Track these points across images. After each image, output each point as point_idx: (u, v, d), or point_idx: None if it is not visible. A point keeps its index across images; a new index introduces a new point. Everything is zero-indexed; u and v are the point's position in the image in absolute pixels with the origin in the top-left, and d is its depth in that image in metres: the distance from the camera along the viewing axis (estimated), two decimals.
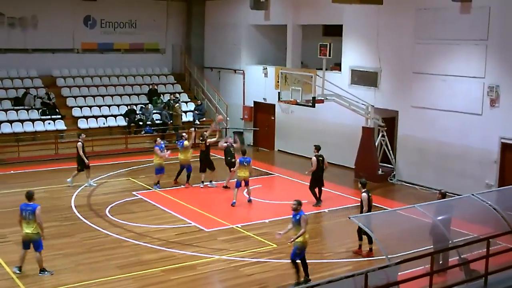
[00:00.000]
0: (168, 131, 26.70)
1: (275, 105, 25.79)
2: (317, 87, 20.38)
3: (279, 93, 21.64)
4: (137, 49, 29.74)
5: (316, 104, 20.25)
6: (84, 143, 19.85)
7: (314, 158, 17.89)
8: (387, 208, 16.72)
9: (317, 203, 17.92)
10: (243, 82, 27.77)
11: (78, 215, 16.78)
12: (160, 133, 26.42)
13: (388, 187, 20.65)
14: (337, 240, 15.52)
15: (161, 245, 14.49)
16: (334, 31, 24.41)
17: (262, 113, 27.25)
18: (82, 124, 25.67)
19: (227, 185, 19.75)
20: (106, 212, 17.08)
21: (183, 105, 28.20)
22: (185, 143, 19.76)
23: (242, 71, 27.86)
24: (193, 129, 22.14)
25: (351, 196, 19.00)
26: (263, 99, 26.76)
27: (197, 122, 27.50)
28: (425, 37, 19.95)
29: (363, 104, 21.22)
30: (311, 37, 25.46)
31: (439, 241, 11.91)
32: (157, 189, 19.43)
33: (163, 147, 19.66)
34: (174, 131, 26.18)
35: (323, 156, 17.99)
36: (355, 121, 21.70)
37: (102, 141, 25.16)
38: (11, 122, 24.56)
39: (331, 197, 18.85)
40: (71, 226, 15.94)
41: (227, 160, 20.06)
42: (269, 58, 27.39)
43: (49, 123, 25.13)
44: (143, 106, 27.23)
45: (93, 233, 15.39)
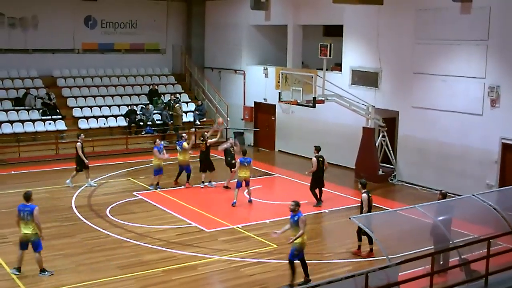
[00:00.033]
0: (168, 132, 26.71)
1: (275, 105, 25.80)
2: (318, 88, 20.39)
3: (279, 93, 21.66)
4: (138, 49, 29.76)
5: (316, 104, 20.25)
6: (83, 143, 19.85)
7: (314, 159, 17.89)
8: (387, 208, 16.72)
9: (317, 204, 17.93)
10: (244, 82, 27.77)
11: (78, 216, 16.79)
12: (160, 134, 26.45)
13: (388, 188, 20.66)
14: (337, 240, 15.52)
15: (162, 246, 14.50)
16: (334, 31, 24.42)
17: (262, 114, 27.25)
18: (82, 124, 25.67)
19: (227, 185, 19.76)
20: (106, 212, 17.09)
21: (183, 105, 28.21)
22: (184, 144, 19.74)
23: (242, 72, 27.85)
24: (194, 129, 22.14)
25: (351, 196, 19.00)
26: (264, 99, 26.76)
27: (198, 122, 27.54)
28: (426, 37, 19.95)
29: (363, 104, 21.22)
30: (311, 37, 25.46)
31: (440, 241, 11.91)
32: (156, 189, 19.43)
33: (162, 148, 19.64)
34: (174, 131, 26.18)
35: (323, 157, 17.99)
36: (355, 122, 21.70)
37: (102, 142, 25.16)
38: (11, 122, 24.56)
39: (332, 197, 18.85)
40: (72, 226, 15.95)
41: (227, 160, 20.09)
42: (269, 58, 27.39)
43: (50, 124, 25.13)
44: (144, 106, 27.23)
45: (93, 233, 15.40)
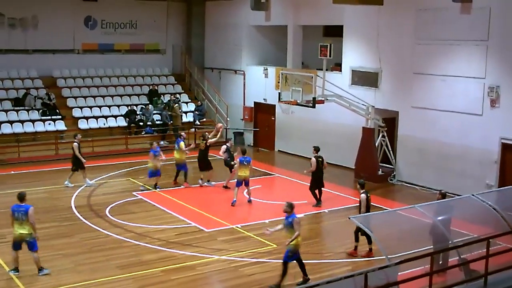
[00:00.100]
0: (168, 132, 26.71)
1: (275, 105, 25.80)
2: (318, 88, 20.39)
3: (279, 93, 21.67)
4: (138, 49, 29.75)
5: (316, 104, 20.25)
6: (80, 143, 19.84)
7: (313, 159, 17.89)
8: (387, 208, 16.71)
9: (317, 204, 17.92)
10: (244, 82, 27.77)
11: (78, 216, 16.78)
12: (160, 134, 26.46)
13: (388, 188, 20.65)
14: (337, 240, 15.50)
15: (161, 246, 14.49)
16: (334, 32, 24.42)
17: (262, 114, 27.25)
18: (82, 124, 25.67)
19: (226, 185, 19.76)
20: (106, 212, 17.08)
21: (183, 105, 28.22)
22: (181, 144, 19.79)
23: (242, 72, 27.85)
24: (193, 130, 22.11)
25: (351, 196, 18.98)
26: (264, 99, 26.76)
27: (197, 122, 27.54)
28: (426, 38, 19.95)
29: (363, 104, 21.22)
30: (311, 37, 25.46)
31: (439, 241, 11.90)
32: (156, 189, 19.45)
33: (159, 151, 19.59)
34: (173, 131, 26.17)
35: (322, 157, 17.99)
36: (355, 122, 21.70)
37: (102, 142, 25.16)
38: (11, 122, 24.56)
39: (331, 197, 18.85)
40: (71, 226, 15.94)
41: (226, 160, 20.07)
42: (269, 58, 27.40)
43: (50, 124, 25.13)
44: (144, 106, 27.23)
45: (93, 233, 15.39)
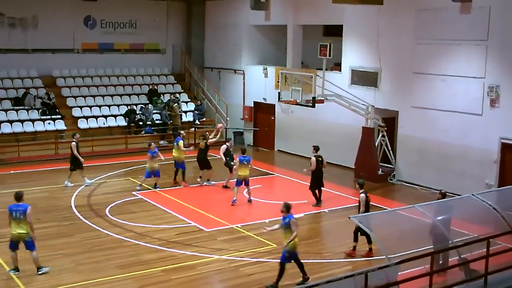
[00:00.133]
0: (168, 131, 26.71)
1: (275, 105, 25.79)
2: (317, 87, 20.38)
3: (279, 93, 21.65)
4: (137, 49, 29.74)
5: (316, 104, 20.25)
6: (78, 142, 19.84)
7: (313, 158, 17.89)
8: (387, 208, 16.73)
9: (317, 204, 17.92)
10: (243, 82, 27.77)
11: (78, 215, 16.78)
12: (160, 133, 26.45)
13: (388, 187, 20.65)
14: (337, 240, 15.49)
15: (161, 245, 14.49)
16: (334, 31, 24.42)
17: (262, 113, 27.25)
18: (82, 124, 25.66)
19: (226, 185, 19.76)
20: (106, 212, 17.07)
21: (183, 105, 28.21)
22: (180, 143, 19.83)
23: (242, 71, 27.85)
24: (193, 129, 22.10)
25: (351, 196, 18.97)
26: (263, 99, 26.75)
27: (197, 122, 27.53)
28: (425, 37, 19.95)
29: (363, 104, 21.22)
30: (311, 37, 25.46)
31: (439, 241, 11.91)
32: (154, 189, 19.44)
33: (157, 151, 19.57)
34: (173, 131, 26.16)
35: (322, 156, 17.99)
36: (355, 121, 21.70)
37: (102, 141, 25.15)
38: (11, 122, 24.54)
39: (331, 197, 18.85)
40: (71, 226, 15.94)
41: (226, 161, 20.05)
42: (269, 58, 27.39)
43: (49, 123, 25.11)
44: (143, 106, 27.22)
45: (93, 233, 15.39)
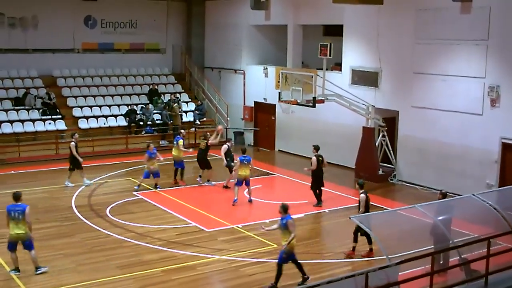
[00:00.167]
0: (168, 131, 26.71)
1: (275, 105, 25.79)
2: (318, 87, 20.39)
3: (279, 93, 21.66)
4: (138, 49, 29.74)
5: (316, 104, 20.25)
6: (77, 142, 19.84)
7: (314, 158, 17.90)
8: (387, 208, 16.73)
9: (317, 204, 17.93)
10: (244, 82, 27.77)
11: (78, 215, 16.78)
12: (160, 133, 26.45)
13: (388, 187, 20.65)
14: (337, 240, 15.49)
15: (162, 245, 14.49)
16: (334, 31, 24.41)
17: (262, 113, 27.25)
18: (82, 124, 25.67)
19: (227, 185, 19.76)
20: (106, 212, 17.08)
21: (183, 105, 28.21)
22: (180, 142, 19.88)
23: (242, 71, 27.85)
24: (194, 129, 22.11)
25: (351, 196, 18.97)
26: (264, 99, 26.75)
27: (198, 122, 27.54)
28: (426, 37, 19.95)
29: (363, 104, 21.22)
30: (311, 37, 25.46)
31: (440, 241, 11.92)
32: (154, 189, 19.45)
33: (155, 152, 19.57)
34: (173, 131, 26.16)
35: (322, 156, 18.00)
36: (355, 121, 21.70)
37: (102, 141, 25.15)
38: (11, 122, 24.54)
39: (332, 197, 18.85)
40: (72, 226, 15.94)
41: (227, 161, 20.03)
42: (269, 58, 27.39)
43: (50, 123, 25.11)
44: (144, 106, 27.22)
45: (93, 233, 15.39)
